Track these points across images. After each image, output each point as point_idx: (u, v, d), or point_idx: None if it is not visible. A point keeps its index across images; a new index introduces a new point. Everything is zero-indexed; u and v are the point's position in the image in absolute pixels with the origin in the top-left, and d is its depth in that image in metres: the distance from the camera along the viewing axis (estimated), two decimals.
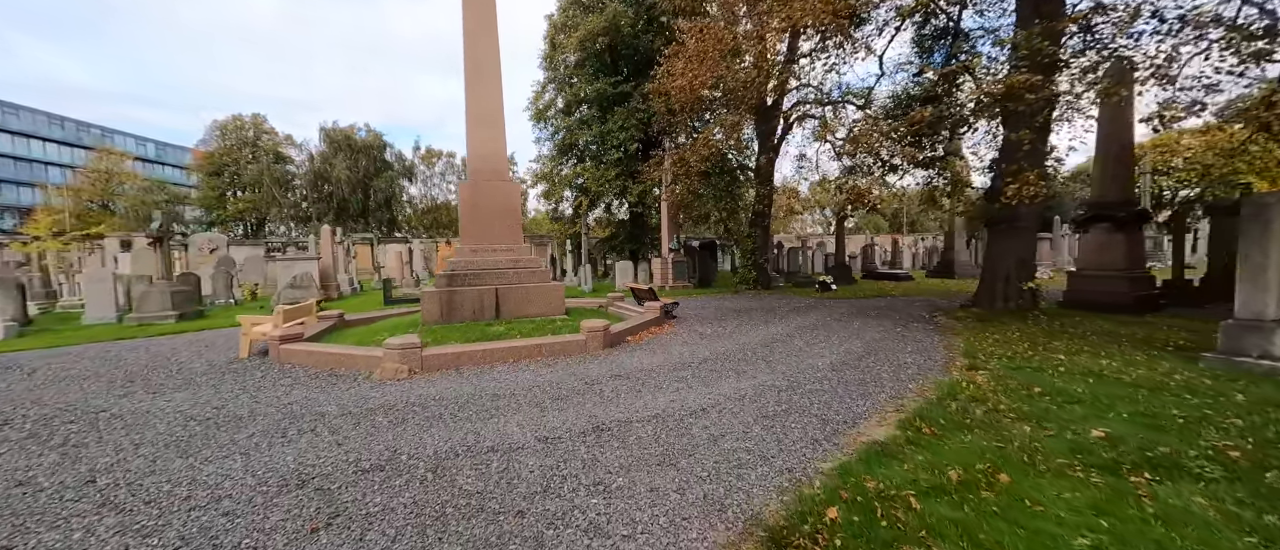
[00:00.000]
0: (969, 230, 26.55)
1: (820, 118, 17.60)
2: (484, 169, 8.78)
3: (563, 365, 6.10)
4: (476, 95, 8.69)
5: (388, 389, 5.11)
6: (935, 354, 6.40)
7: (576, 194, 23.32)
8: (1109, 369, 5.16)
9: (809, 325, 8.84)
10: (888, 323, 8.98)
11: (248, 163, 41.76)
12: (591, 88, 20.65)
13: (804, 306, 11.66)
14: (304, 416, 4.24)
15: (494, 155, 8.84)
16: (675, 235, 18.19)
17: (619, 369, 5.83)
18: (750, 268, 16.48)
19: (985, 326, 8.11)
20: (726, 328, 8.78)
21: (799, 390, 4.81)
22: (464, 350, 6.29)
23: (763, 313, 10.62)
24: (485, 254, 8.68)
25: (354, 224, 40.37)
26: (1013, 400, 4.20)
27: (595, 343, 6.93)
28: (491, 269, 8.54)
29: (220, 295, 15.17)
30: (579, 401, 4.55)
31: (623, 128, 20.07)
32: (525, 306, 8.54)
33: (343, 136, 40.94)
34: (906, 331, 8.04)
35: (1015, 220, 9.03)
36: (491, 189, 8.78)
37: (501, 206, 8.90)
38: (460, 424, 4.00)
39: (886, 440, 3.45)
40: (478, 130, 8.72)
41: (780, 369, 5.71)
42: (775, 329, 8.50)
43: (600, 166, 21.43)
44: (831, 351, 6.62)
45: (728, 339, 7.71)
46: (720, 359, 6.29)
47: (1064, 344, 6.50)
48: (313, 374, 5.87)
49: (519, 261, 8.83)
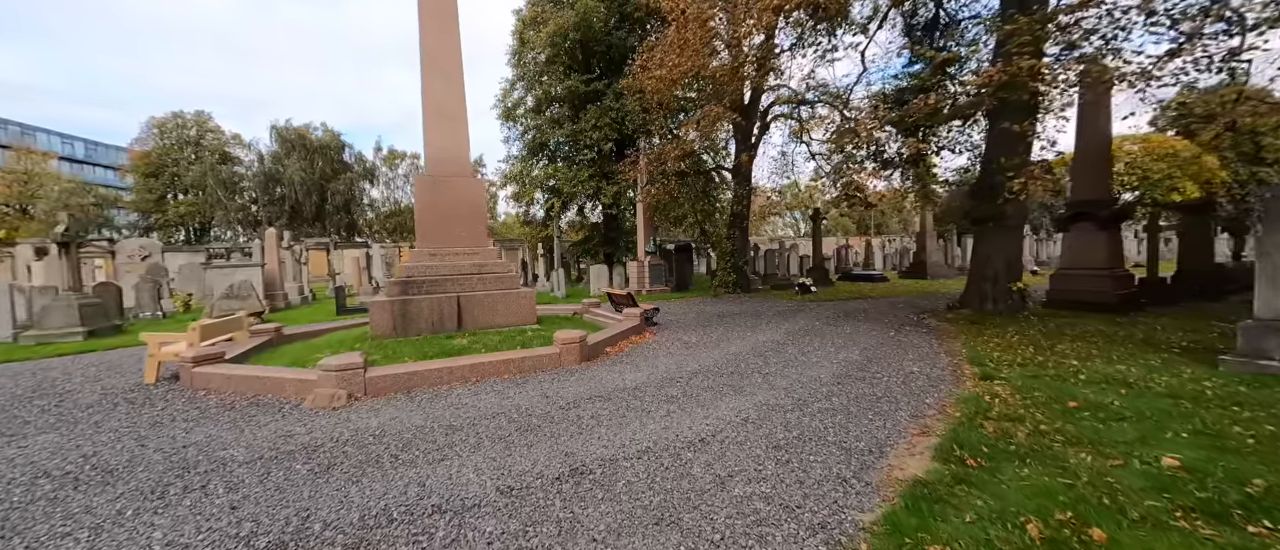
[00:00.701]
0: (955, 228, 26.90)
1: (798, 118, 17.39)
2: (444, 162, 7.88)
3: (534, 384, 5.31)
4: (435, 70, 7.79)
5: (318, 421, 4.21)
6: (939, 361, 5.94)
7: (548, 196, 22.40)
8: (1131, 376, 4.77)
9: (798, 331, 8.32)
10: (878, 327, 8.56)
11: (190, 163, 38.81)
12: (562, 85, 19.84)
13: (788, 310, 11.20)
14: (198, 466, 3.32)
15: (455, 145, 7.95)
16: (651, 238, 17.56)
17: (599, 387, 5.10)
18: (729, 270, 16.00)
19: (980, 329, 7.77)
20: (712, 335, 8.16)
21: (807, 410, 4.19)
22: (417, 369, 5.41)
23: (747, 318, 10.07)
24: (446, 258, 7.78)
25: (309, 228, 38.06)
26: (1050, 418, 3.70)
27: (570, 356, 6.17)
28: (453, 275, 7.64)
29: (146, 307, 13.56)
30: (552, 432, 3.79)
31: (595, 127, 19.33)
32: (492, 316, 7.68)
33: (296, 135, 38.58)
34: (901, 336, 7.62)
35: (1003, 219, 8.79)
36: (453, 185, 7.90)
37: (464, 205, 8.02)
38: (402, 470, 3.18)
39: (929, 478, 2.85)
40: (437, 117, 7.83)
41: (780, 383, 5.10)
42: (764, 336, 7.93)
43: (572, 167, 20.61)
44: (830, 361, 6.08)
45: (715, 348, 7.08)
46: (712, 372, 5.64)
47: (1069, 348, 6.16)
48: (229, 403, 4.89)
49: (484, 266, 7.97)
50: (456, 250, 7.89)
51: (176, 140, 40.25)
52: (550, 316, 9.86)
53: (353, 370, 4.97)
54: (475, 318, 7.56)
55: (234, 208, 37.98)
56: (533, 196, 22.65)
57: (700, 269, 28.40)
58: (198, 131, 40.77)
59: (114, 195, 42.79)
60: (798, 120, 17.24)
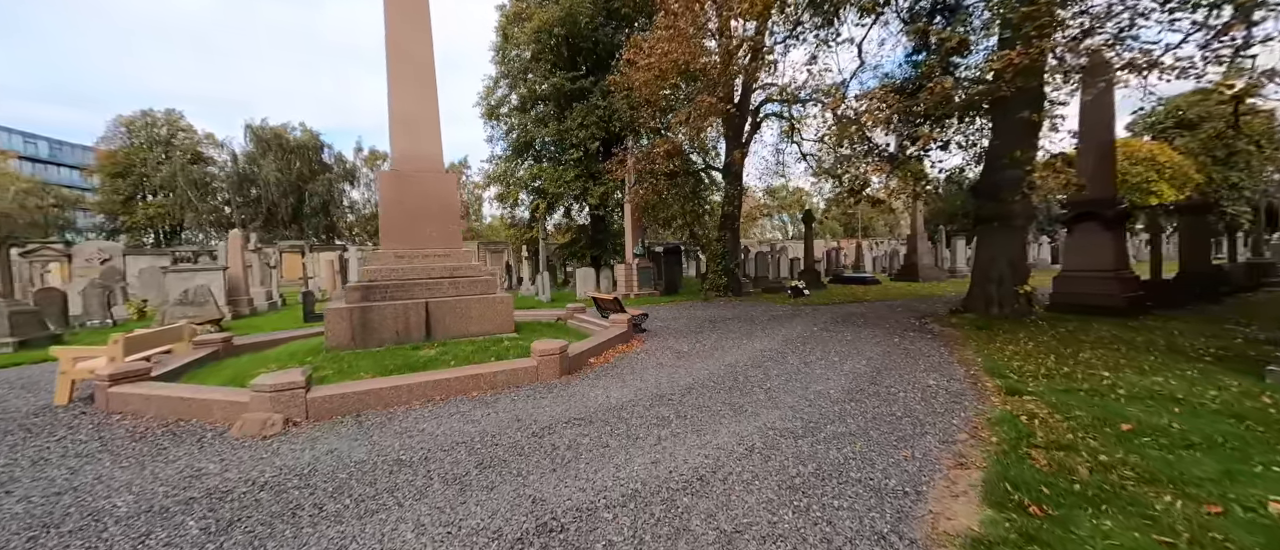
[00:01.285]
0: (945, 231, 26.77)
1: (790, 117, 16.97)
2: (412, 156, 7.19)
3: (506, 403, 4.66)
4: (401, 49, 7.09)
5: (240, 456, 3.51)
6: (955, 372, 5.42)
7: (533, 197, 21.70)
8: (1176, 390, 4.28)
9: (797, 338, 7.77)
10: (880, 333, 8.05)
11: (160, 163, 37.27)
12: (548, 83, 19.20)
13: (782, 315, 10.67)
14: (63, 524, 2.62)
15: (425, 137, 7.26)
16: (639, 240, 16.97)
17: (580, 406, 4.46)
18: (720, 273, 15.47)
19: (990, 335, 7.30)
20: (705, 342, 7.57)
21: (820, 436, 3.60)
22: (372, 387, 4.71)
23: (741, 323, 9.51)
24: (414, 260, 7.07)
25: (285, 231, 36.79)
26: (1107, 445, 3.17)
27: (550, 369, 5.52)
28: (422, 279, 6.94)
29: (94, 315, 12.57)
30: (520, 469, 3.15)
31: (582, 125, 18.72)
32: (465, 324, 6.99)
33: (273, 135, 37.27)
34: (906, 343, 7.11)
35: (1008, 218, 8.36)
36: (422, 181, 7.20)
37: (435, 202, 7.33)
38: (323, 527, 2.51)
39: (988, 533, 2.27)
40: (404, 106, 7.13)
41: (785, 400, 4.51)
42: (761, 344, 7.36)
43: (558, 167, 19.97)
44: (836, 373, 5.52)
45: (710, 358, 6.49)
46: (707, 387, 5.04)
47: (1093, 356, 5.68)
48: (142, 432, 4.15)
49: (458, 270, 7.28)
50: (426, 252, 7.19)
51: (146, 139, 38.65)
52: (531, 323, 9.19)
53: (291, 391, 4.26)
54: (446, 326, 6.86)
55: (206, 209, 36.53)
56: (517, 197, 21.94)
57: (689, 272, 27.88)
58: (168, 130, 39.21)
59: (76, 196, 40.97)
60: (790, 119, 16.85)
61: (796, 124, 17.09)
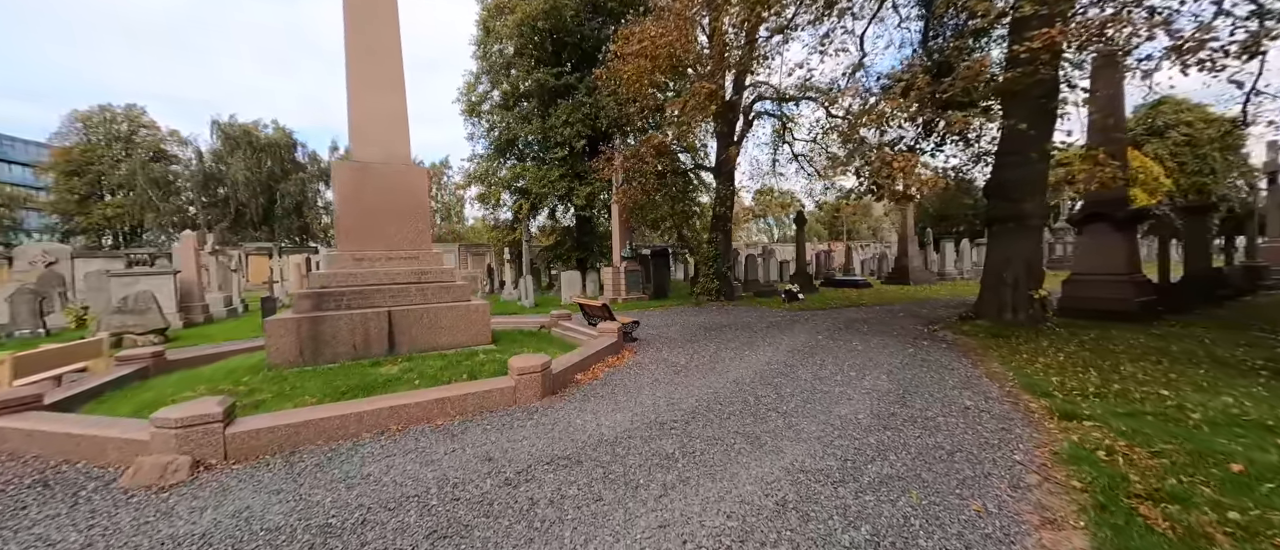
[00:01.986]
0: (933, 233, 26.64)
1: (783, 116, 16.48)
2: (375, 142, 6.35)
3: (475, 434, 3.89)
4: (360, 10, 6.25)
5: (120, 519, 2.69)
6: (988, 390, 4.82)
7: (516, 197, 20.83)
8: (1265, 416, 3.72)
9: (803, 348, 7.13)
10: (890, 341, 7.47)
11: (118, 161, 35.31)
12: (531, 78, 18.39)
13: (781, 321, 10.05)
14: None
15: (390, 123, 6.43)
16: (627, 242, 16.26)
17: (564, 440, 3.71)
18: (712, 277, 14.83)
19: (1010, 345, 6.76)
20: (704, 354, 6.87)
21: (864, 481, 2.93)
22: (312, 417, 3.89)
23: (739, 331, 8.85)
24: (376, 264, 6.23)
25: (255, 232, 35.16)
26: (1229, 495, 2.55)
27: (529, 390, 4.76)
28: (384, 285, 6.11)
29: (23, 324, 11.33)
30: (486, 540, 2.40)
31: (567, 123, 17.94)
32: (434, 335, 6.18)
33: (242, 132, 35.60)
34: (922, 354, 6.52)
35: (1022, 218, 7.88)
36: (385, 174, 6.37)
37: (402, 199, 6.50)
38: None
39: None
40: (365, 85, 6.29)
41: (808, 427, 3.83)
42: (765, 355, 6.70)
43: (542, 166, 19.15)
44: (857, 391, 4.87)
45: (711, 372, 5.79)
46: (714, 411, 4.34)
47: (1137, 370, 5.14)
48: (9, 480, 3.28)
49: (426, 274, 6.46)
50: (390, 254, 6.36)
51: (104, 136, 36.61)
52: (512, 332, 8.41)
53: (205, 426, 3.43)
54: (412, 338, 6.04)
55: (169, 210, 34.66)
56: (499, 198, 21.02)
57: (678, 275, 27.27)
58: (129, 126, 37.22)
59: (25, 195, 38.61)
60: (782, 118, 16.37)
61: (789, 123, 16.64)
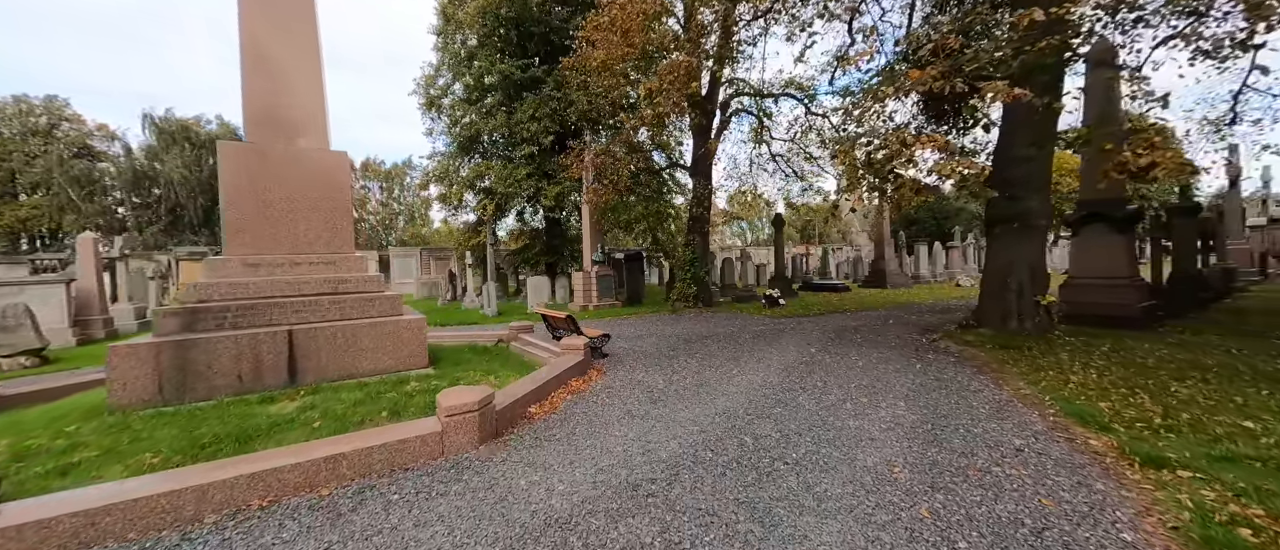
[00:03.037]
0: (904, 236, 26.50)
1: (763, 113, 15.78)
2: (276, 120, 5.10)
3: (373, 512, 2.75)
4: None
5: None
6: (1031, 422, 3.98)
7: (480, 197, 19.46)
8: None
9: (797, 365, 6.21)
10: (891, 355, 6.65)
11: (35, 156, 31.88)
12: (495, 70, 17.13)
13: (766, 330, 9.17)
14: None
15: (300, 85, 5.19)
16: (599, 245, 15.18)
17: (497, 521, 2.62)
18: (689, 281, 13.91)
19: (1027, 359, 6.02)
20: (684, 373, 5.87)
21: None
22: (119, 499, 2.64)
23: (722, 343, 7.90)
24: (275, 271, 4.97)
25: (194, 235, 32.36)
26: None
27: (462, 434, 3.62)
28: (286, 297, 4.87)
29: None
30: None
31: (534, 118, 16.75)
32: (352, 359, 4.97)
33: (179, 127, 32.73)
34: (932, 371, 5.70)
35: (1026, 218, 7.24)
36: (291, 158, 5.12)
37: (314, 188, 5.26)
38: None
39: None
40: (266, 27, 5.04)
41: (832, 490, 2.86)
42: (756, 375, 5.74)
43: (508, 164, 17.88)
44: (876, 426, 3.95)
45: (695, 399, 4.78)
46: (702, 461, 3.32)
47: (1193, 392, 4.39)
48: None
49: (344, 283, 5.23)
50: (297, 258, 5.11)
51: (20, 129, 33.04)
52: (462, 349, 7.23)
53: None
54: (322, 363, 4.81)
55: (93, 211, 31.48)
56: (461, 198, 19.56)
57: (652, 279, 26.34)
58: (48, 119, 33.73)
59: None
60: (760, 115, 15.67)
61: (766, 120, 15.97)
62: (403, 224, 42.18)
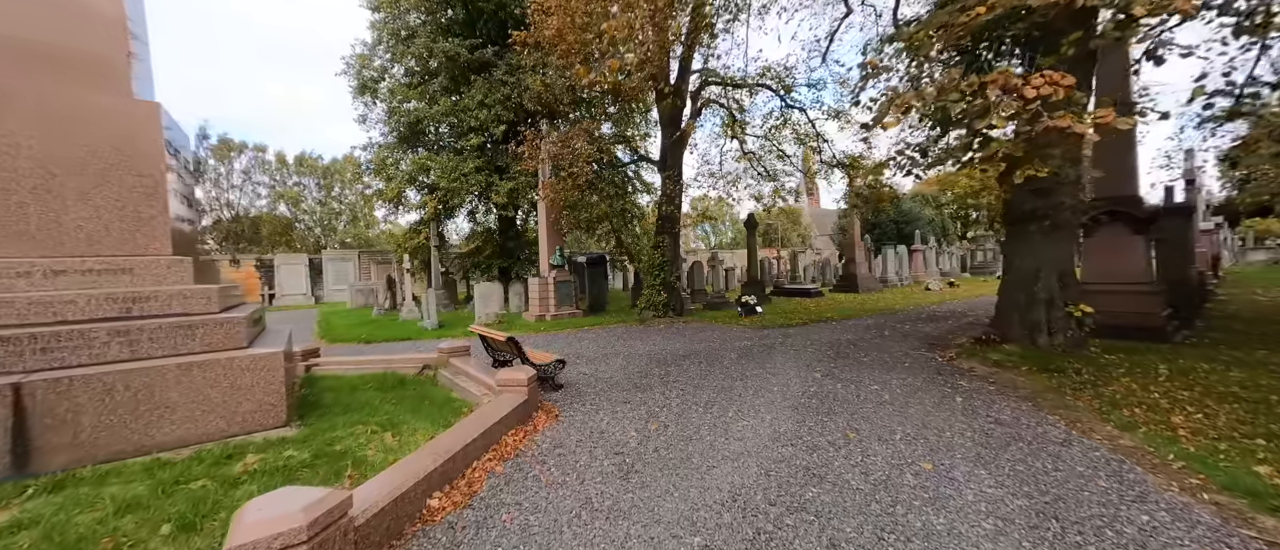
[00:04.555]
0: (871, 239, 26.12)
1: (734, 105, 14.59)
2: (33, 47, 3.23)
3: None
4: None
5: None
6: (1180, 503, 2.71)
7: (423, 194, 17.31)
8: None
9: (807, 400, 4.81)
10: (913, 381, 5.39)
11: None
12: (438, 47, 15.14)
13: (751, 346, 7.81)
14: None
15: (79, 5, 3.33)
16: (558, 248, 13.49)
17: None
18: (659, 288, 12.44)
19: (1072, 382, 4.90)
20: (665, 418, 4.34)
21: None
22: None
23: (703, 365, 6.44)
24: (16, 284, 3.10)
25: None
26: None
27: None
28: (20, 329, 3.00)
29: None
30: None
31: (483, 104, 14.89)
32: (146, 426, 3.14)
33: None
34: (984, 409, 4.44)
35: (1058, 213, 6.20)
36: (55, 111, 3.26)
37: (91, 157, 3.40)
38: None
39: None
40: None
41: None
42: (760, 421, 4.28)
43: (455, 156, 15.89)
44: (966, 515, 2.55)
45: (687, 473, 3.24)
46: None
47: None
48: None
49: (142, 302, 3.39)
50: (60, 264, 3.23)
51: None
52: (366, 381, 5.45)
53: None
54: (89, 435, 2.97)
55: None
56: (400, 194, 17.31)
57: (617, 283, 24.80)
58: None
59: None
60: (730, 107, 14.48)
61: (739, 113, 14.81)
62: (344, 225, 38.68)
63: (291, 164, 37.21)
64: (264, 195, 36.60)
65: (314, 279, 25.01)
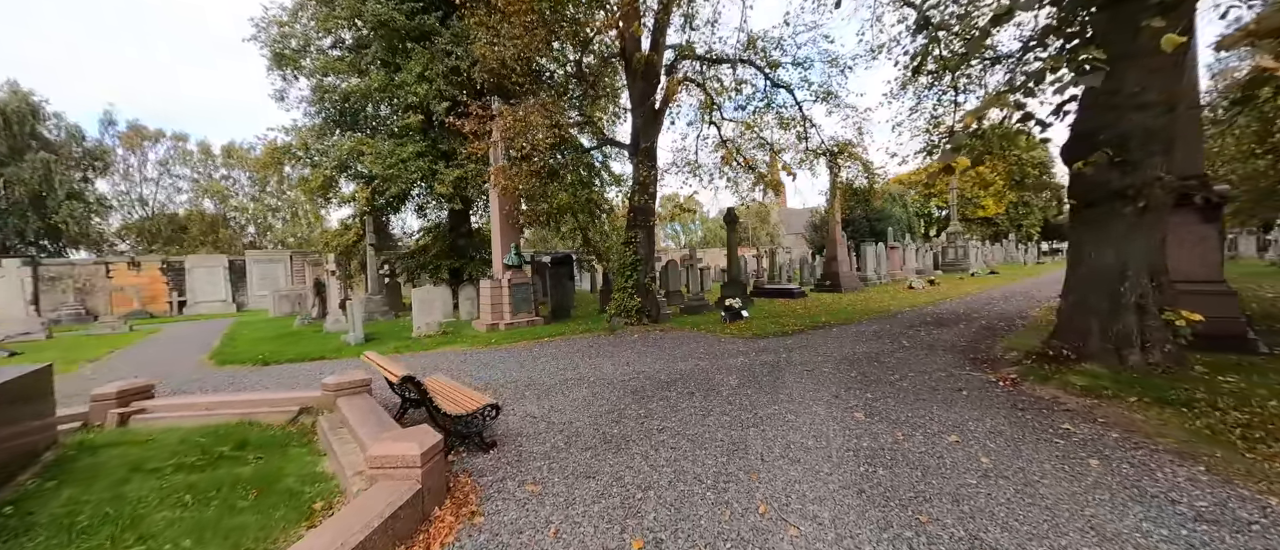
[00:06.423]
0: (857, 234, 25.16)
1: (712, 84, 12.97)
2: None
3: None
4: None
5: None
6: None
7: (356, 184, 14.92)
8: None
9: (861, 469, 3.14)
10: (990, 421, 3.84)
11: None
12: (370, 10, 12.86)
13: (748, 364, 6.15)
14: None
15: None
16: (513, 245, 11.51)
17: None
18: (632, 291, 10.68)
19: (1203, 416, 3.47)
20: (651, 502, 2.55)
21: None
22: None
23: (697, 399, 4.71)
24: None
25: None
26: None
27: None
28: None
29: None
30: None
31: (423, 77, 12.72)
32: None
33: None
34: (1132, 472, 2.90)
35: (1143, 194, 4.81)
36: None
37: None
38: None
39: None
40: None
41: None
42: (799, 517, 2.59)
43: (391, 139, 13.64)
44: None
45: None
46: None
47: None
48: None
49: None
50: None
51: None
52: (191, 446, 3.38)
53: None
54: None
55: None
56: (329, 183, 14.82)
57: (583, 284, 22.87)
58: None
59: None
60: (713, 91, 12.86)
61: (716, 96, 13.21)
62: (283, 223, 35.03)
63: (218, 155, 33.30)
64: (186, 190, 32.61)
65: (237, 283, 21.95)
